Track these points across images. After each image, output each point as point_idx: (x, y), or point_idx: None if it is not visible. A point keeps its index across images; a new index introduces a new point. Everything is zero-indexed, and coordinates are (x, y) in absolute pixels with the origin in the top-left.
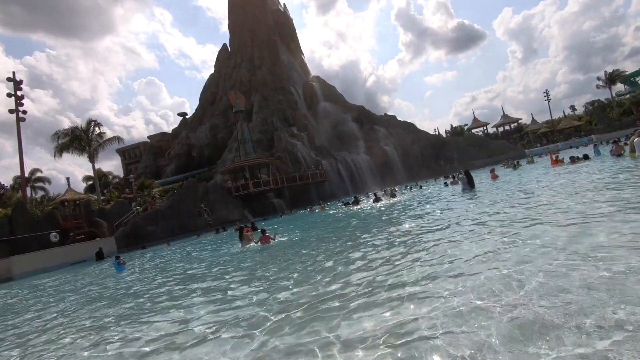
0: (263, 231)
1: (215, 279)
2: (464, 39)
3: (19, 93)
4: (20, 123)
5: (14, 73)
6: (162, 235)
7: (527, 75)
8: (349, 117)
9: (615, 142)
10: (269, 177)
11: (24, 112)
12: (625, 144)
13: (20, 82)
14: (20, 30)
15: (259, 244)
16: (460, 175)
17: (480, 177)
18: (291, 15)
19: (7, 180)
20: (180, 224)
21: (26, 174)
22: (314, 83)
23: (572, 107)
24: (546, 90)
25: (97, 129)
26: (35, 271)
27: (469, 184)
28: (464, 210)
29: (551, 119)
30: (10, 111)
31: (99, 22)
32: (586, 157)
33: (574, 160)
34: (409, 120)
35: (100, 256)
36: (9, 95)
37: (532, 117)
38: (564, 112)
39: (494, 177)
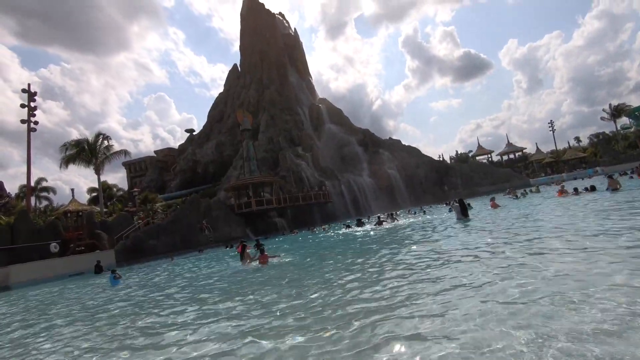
0: (262, 251)
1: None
2: (470, 68)
3: (32, 104)
4: (31, 133)
5: (29, 85)
6: (162, 250)
7: (532, 105)
8: (354, 140)
9: (610, 177)
10: (272, 196)
11: (36, 122)
12: (632, 177)
13: (35, 93)
14: (37, 44)
15: (258, 263)
16: (454, 204)
17: (481, 205)
18: (301, 39)
19: (12, 189)
20: (182, 240)
21: (32, 183)
22: (320, 105)
23: (577, 139)
24: (551, 120)
25: (105, 141)
26: (32, 281)
27: (463, 213)
28: (461, 241)
29: (556, 149)
30: (22, 121)
31: (115, 38)
32: (593, 188)
33: (577, 191)
34: (413, 145)
35: (99, 269)
36: (22, 105)
37: (537, 147)
38: (568, 143)
39: (494, 206)
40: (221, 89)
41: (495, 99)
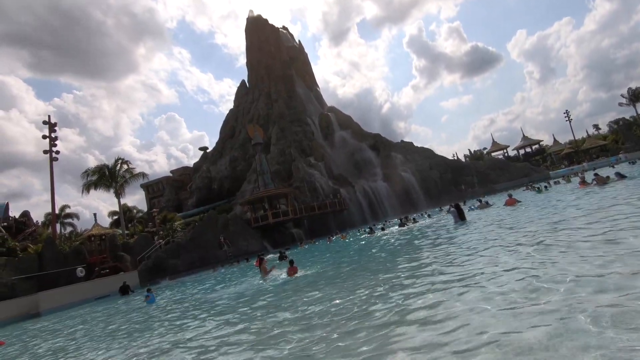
0: (291, 263)
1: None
2: (479, 62)
3: (53, 135)
4: (53, 162)
5: (49, 117)
6: (183, 268)
7: (546, 95)
8: (366, 145)
9: (597, 174)
10: (288, 207)
11: (57, 152)
12: None
13: (55, 124)
14: (49, 73)
15: (286, 274)
16: (451, 209)
17: (500, 203)
18: (305, 49)
19: (36, 216)
20: (201, 257)
21: (56, 211)
22: (329, 114)
23: (596, 126)
24: (566, 110)
25: (124, 165)
26: (61, 306)
27: (460, 217)
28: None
29: (574, 139)
30: (45, 152)
31: (123, 62)
32: (621, 176)
33: (600, 179)
34: (426, 146)
35: (124, 291)
36: (44, 137)
37: (554, 138)
38: (587, 132)
39: (511, 202)
40: (229, 104)
41: (507, 93)
